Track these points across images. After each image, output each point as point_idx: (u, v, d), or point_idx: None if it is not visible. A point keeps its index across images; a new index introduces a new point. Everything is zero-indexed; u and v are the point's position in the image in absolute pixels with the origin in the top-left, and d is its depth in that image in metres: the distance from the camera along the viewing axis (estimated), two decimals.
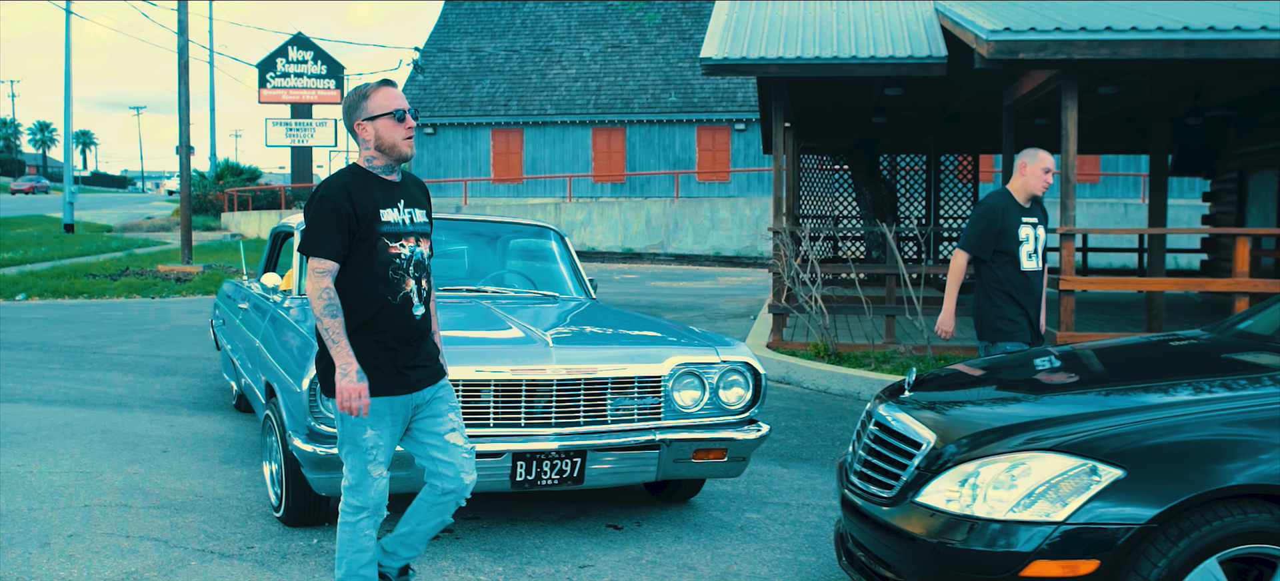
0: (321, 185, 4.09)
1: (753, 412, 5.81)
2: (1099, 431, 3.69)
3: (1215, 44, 8.64)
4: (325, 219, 4.00)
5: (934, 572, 3.77)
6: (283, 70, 47.11)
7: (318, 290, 4.00)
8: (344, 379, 3.95)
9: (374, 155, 4.14)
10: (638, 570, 5.24)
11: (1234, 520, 3.47)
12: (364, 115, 4.11)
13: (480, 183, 39.36)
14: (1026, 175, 6.70)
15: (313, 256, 4.02)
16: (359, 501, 4.16)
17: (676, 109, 38.05)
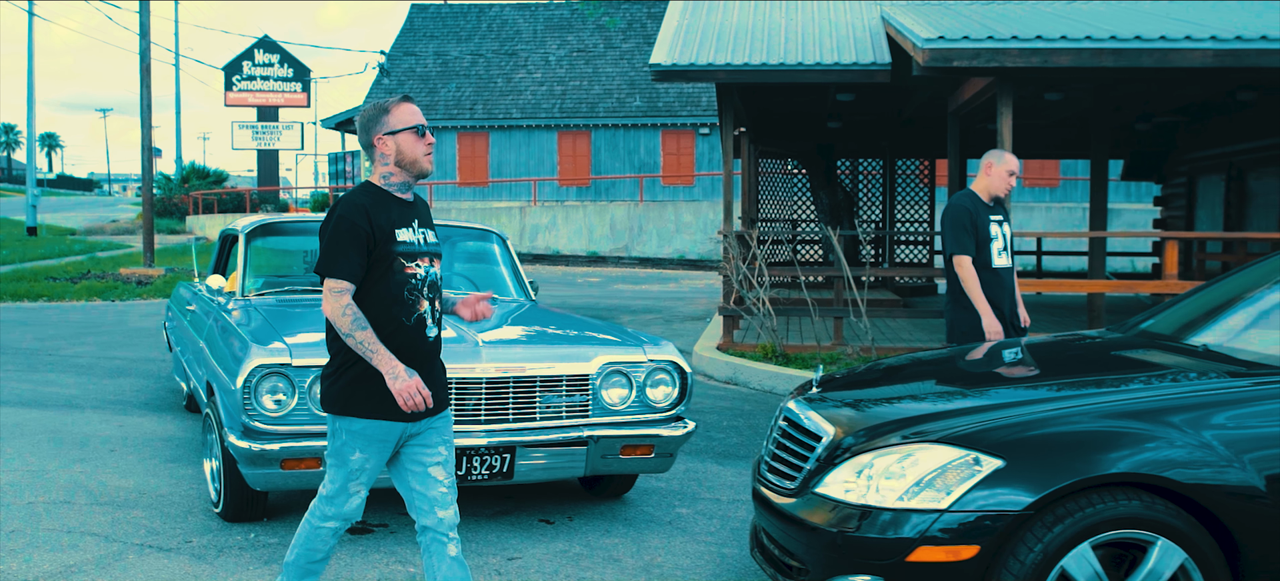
0: (339, 205, 3.99)
1: (679, 410, 6.00)
2: (984, 424, 3.89)
3: (1141, 53, 8.89)
4: (344, 240, 3.91)
5: (832, 560, 3.95)
6: (249, 73, 47.03)
7: (340, 308, 3.90)
8: (397, 381, 3.86)
9: (393, 171, 4.03)
10: (564, 562, 5.41)
11: (1106, 507, 3.67)
12: (385, 129, 4.00)
13: (446, 186, 39.45)
14: (991, 176, 6.87)
15: (330, 278, 3.92)
16: (332, 510, 4.10)
17: (641, 113, 38.25)
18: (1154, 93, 14.90)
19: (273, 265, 7.59)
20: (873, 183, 22.23)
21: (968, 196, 6.88)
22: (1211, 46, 8.84)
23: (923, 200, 21.35)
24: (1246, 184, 17.73)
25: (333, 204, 4.03)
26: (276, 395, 5.36)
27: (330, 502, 4.10)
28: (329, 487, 4.09)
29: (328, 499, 4.10)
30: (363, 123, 4.07)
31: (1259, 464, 3.73)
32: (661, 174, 38.32)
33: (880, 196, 21.75)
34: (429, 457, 4.09)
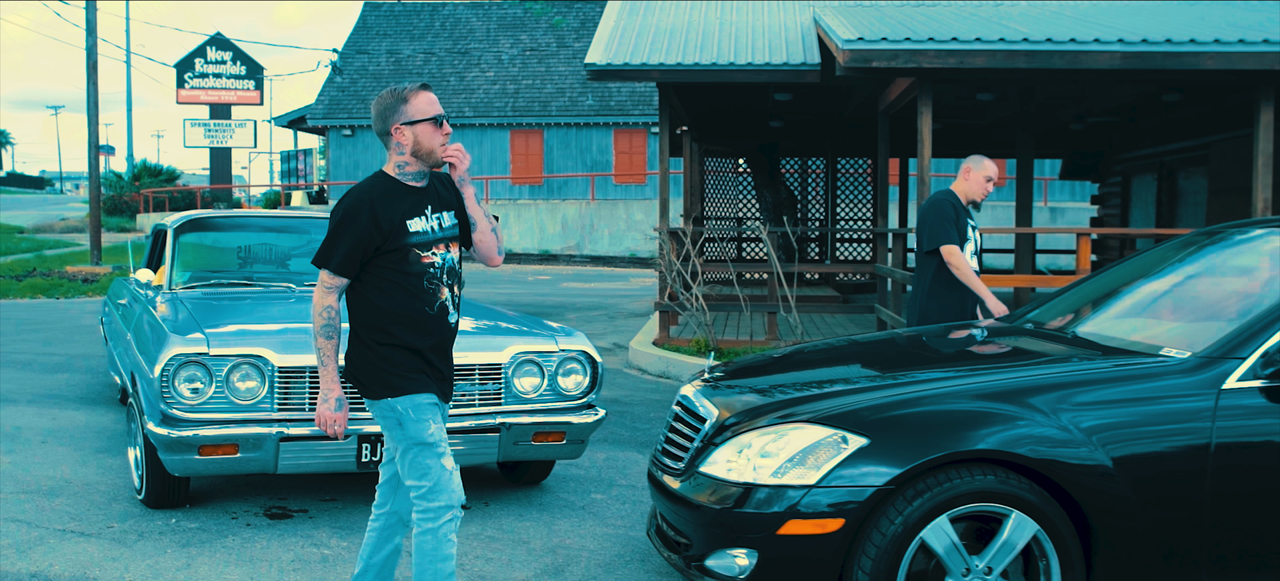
0: (347, 197, 3.94)
1: (591, 398, 6.21)
2: (853, 405, 4.12)
3: (1053, 55, 9.17)
4: (343, 234, 3.86)
5: (714, 535, 4.17)
6: (201, 71, 46.81)
7: (321, 306, 3.90)
8: (324, 404, 3.90)
9: (408, 161, 3.97)
10: (476, 544, 5.60)
11: (963, 481, 3.90)
12: (403, 119, 3.94)
13: None
14: (969, 180, 6.98)
15: (323, 268, 3.90)
16: (442, 501, 3.95)
17: (594, 112, 38.45)
18: (1088, 94, 15.25)
19: (202, 260, 7.73)
20: (821, 182, 22.53)
21: (949, 194, 7.00)
22: (1119, 49, 9.15)
23: (865, 199, 21.67)
24: (1177, 183, 18.15)
25: (344, 194, 3.98)
26: (193, 384, 5.52)
27: (435, 495, 3.94)
28: (427, 482, 3.94)
29: (431, 491, 3.94)
30: (380, 111, 4.01)
31: (1109, 444, 3.97)
32: (614, 173, 38.53)
33: (824, 195, 22.05)
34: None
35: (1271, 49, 9.07)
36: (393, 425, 3.96)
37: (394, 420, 3.94)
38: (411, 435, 3.93)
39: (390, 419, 3.95)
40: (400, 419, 3.93)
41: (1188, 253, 5.45)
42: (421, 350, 3.96)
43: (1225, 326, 4.27)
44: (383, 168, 4.06)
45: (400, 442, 3.96)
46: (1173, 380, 4.08)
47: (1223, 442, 3.97)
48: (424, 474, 3.94)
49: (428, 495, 3.95)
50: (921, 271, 7.00)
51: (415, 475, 3.95)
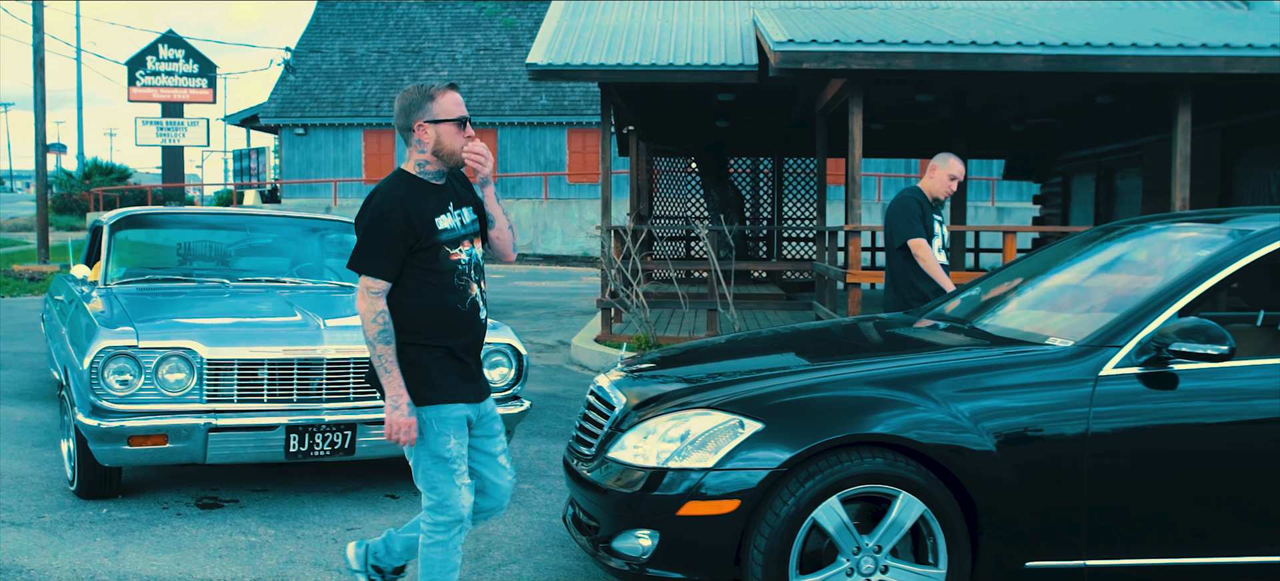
0: (375, 197, 3.88)
1: (516, 390, 6.38)
2: (752, 392, 4.31)
3: (977, 57, 9.42)
4: (378, 235, 3.80)
5: (620, 518, 4.35)
6: (153, 68, 46.47)
7: (372, 312, 3.80)
8: (395, 411, 3.81)
9: (429, 160, 3.92)
10: None
11: (853, 464, 4.10)
12: (428, 116, 3.89)
13: (352, 183, 39.41)
14: (933, 178, 7.18)
15: (364, 275, 3.81)
16: (450, 516, 3.95)
17: (548, 112, 38.56)
18: (1027, 96, 15.57)
19: (138, 256, 7.82)
20: (769, 181, 22.76)
21: (915, 191, 7.19)
22: (1041, 52, 9.41)
23: (811, 198, 21.92)
24: (1113, 183, 18.53)
25: (369, 195, 3.93)
26: (122, 376, 5.64)
27: (443, 509, 3.94)
28: (435, 496, 3.94)
29: (440, 506, 3.95)
30: (404, 106, 3.94)
31: (992, 428, 4.18)
32: (567, 172, 38.66)
33: (770, 194, 22.30)
34: (497, 447, 4.12)
35: (1186, 53, 9.36)
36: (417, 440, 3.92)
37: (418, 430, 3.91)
38: (430, 447, 3.90)
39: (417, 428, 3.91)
40: (422, 428, 3.89)
41: (1087, 247, 5.69)
42: (454, 349, 3.92)
43: (1106, 317, 4.49)
44: (402, 167, 4.00)
45: (418, 453, 3.94)
46: (1054, 368, 4.30)
47: (1099, 427, 4.19)
48: (433, 487, 3.94)
49: (437, 508, 3.95)
50: (891, 268, 7.21)
51: (426, 486, 3.95)
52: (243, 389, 5.80)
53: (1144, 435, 4.22)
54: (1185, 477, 4.26)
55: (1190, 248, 4.85)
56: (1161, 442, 4.23)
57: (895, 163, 36.54)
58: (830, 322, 6.09)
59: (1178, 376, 4.28)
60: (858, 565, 4.14)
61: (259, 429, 5.77)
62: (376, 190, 3.91)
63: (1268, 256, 4.52)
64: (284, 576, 5.06)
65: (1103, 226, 6.06)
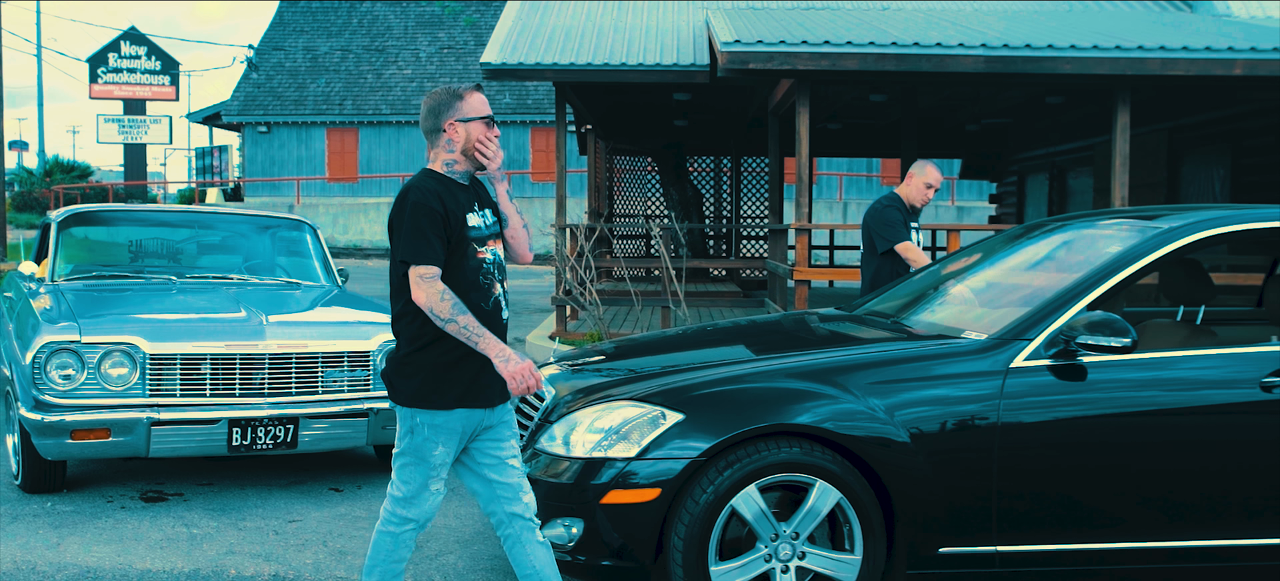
0: (410, 193, 3.84)
1: None
2: (674, 384, 4.44)
3: (920, 58, 9.59)
4: (422, 224, 3.78)
5: (548, 507, 4.45)
6: (115, 65, 46.17)
7: (435, 295, 3.75)
8: (510, 364, 3.74)
9: (457, 159, 3.93)
10: (341, 523, 5.85)
11: (770, 453, 4.23)
12: (458, 115, 3.91)
13: (315, 182, 39.34)
14: (910, 186, 7.25)
15: (416, 265, 3.77)
16: (411, 513, 3.97)
17: (511, 110, 38.61)
18: (981, 97, 15.78)
19: (86, 252, 7.87)
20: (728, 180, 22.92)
21: (893, 198, 7.28)
22: (982, 53, 9.59)
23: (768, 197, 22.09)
24: (1066, 182, 18.79)
25: (401, 191, 3.91)
26: (65, 370, 5.71)
27: (408, 505, 3.96)
28: (404, 490, 3.95)
29: (405, 501, 3.96)
30: (432, 107, 3.96)
31: (906, 419, 4.32)
32: (531, 170, 38.72)
33: (729, 193, 22.47)
34: (504, 450, 4.04)
35: (1123, 55, 9.56)
36: (405, 429, 3.93)
37: (407, 426, 3.92)
38: (416, 446, 3.91)
39: (405, 421, 3.93)
40: (412, 428, 3.90)
41: (1012, 244, 5.85)
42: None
43: (1019, 311, 4.65)
44: (428, 167, 3.99)
45: (402, 443, 3.94)
46: (967, 361, 4.45)
47: (1009, 418, 4.34)
48: (407, 482, 3.95)
49: (403, 502, 3.96)
50: (875, 273, 7.24)
51: (402, 478, 3.96)
52: (185, 383, 5.89)
53: (1052, 424, 4.37)
54: (1092, 464, 4.41)
55: (1104, 244, 5.02)
56: (1069, 431, 4.39)
57: (857, 162, 36.81)
58: (766, 317, 6.23)
59: (1087, 368, 4.43)
60: (776, 551, 4.28)
61: (201, 423, 5.87)
62: (409, 187, 3.89)
63: (1174, 252, 4.69)
64: (223, 567, 5.15)
65: (1026, 224, 6.23)
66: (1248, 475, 4.49)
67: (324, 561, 5.26)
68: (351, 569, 5.15)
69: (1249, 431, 4.49)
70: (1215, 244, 4.76)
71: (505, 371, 3.74)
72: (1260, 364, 4.52)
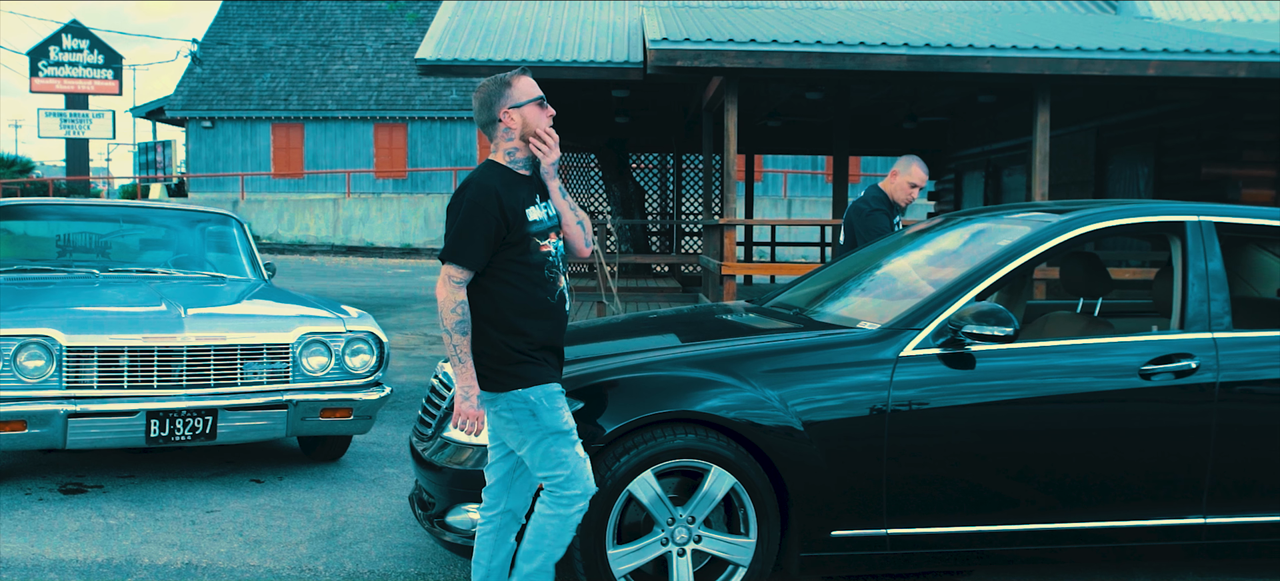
0: (469, 189, 3.85)
1: (378, 376, 6.58)
2: (574, 373, 4.54)
3: (844, 56, 9.77)
4: (475, 225, 3.78)
5: (454, 493, 4.57)
6: (56, 59, 45.63)
7: (452, 301, 3.80)
8: (465, 402, 3.83)
9: (517, 146, 3.94)
10: (259, 513, 5.93)
11: (665, 440, 4.36)
12: (510, 102, 3.91)
13: (260, 177, 39.13)
14: (895, 182, 7.23)
15: (451, 263, 3.81)
16: (578, 489, 3.94)
17: (458, 106, 38.59)
18: (919, 95, 16.02)
19: (11, 246, 7.89)
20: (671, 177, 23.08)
21: (878, 196, 7.29)
22: (904, 52, 9.78)
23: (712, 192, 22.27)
24: (1001, 180, 19.10)
25: (463, 183, 3.91)
26: None
27: (573, 482, 3.93)
28: (565, 470, 3.93)
29: (569, 481, 3.93)
30: (484, 99, 3.95)
31: (799, 406, 4.46)
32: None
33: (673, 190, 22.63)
34: None
35: (1041, 54, 9.79)
36: (525, 416, 3.90)
37: (526, 411, 3.89)
38: (546, 424, 3.90)
39: (521, 410, 3.90)
40: (533, 409, 3.88)
41: (918, 238, 6.01)
42: (551, 340, 3.96)
43: (912, 302, 4.80)
44: (491, 159, 3.99)
45: (533, 433, 3.90)
46: (859, 350, 4.60)
47: (898, 405, 4.50)
48: (561, 463, 3.92)
49: (565, 484, 3.93)
50: None
51: (550, 465, 3.92)
52: (103, 376, 5.94)
53: (940, 411, 4.53)
54: (979, 450, 4.58)
55: (998, 237, 5.19)
56: (956, 418, 4.55)
57: (802, 160, 37.08)
58: (683, 308, 6.36)
59: (975, 357, 4.60)
60: (672, 535, 4.41)
61: (119, 414, 5.92)
62: (470, 181, 3.88)
63: (1060, 246, 4.87)
64: (136, 556, 5.22)
65: (936, 217, 6.40)
66: (1128, 459, 4.68)
67: (238, 550, 5.33)
68: (266, 557, 5.23)
69: (1129, 417, 4.68)
70: (1099, 237, 4.95)
71: (460, 407, 3.85)
72: (1140, 352, 4.71)
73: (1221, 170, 12.05)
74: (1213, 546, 4.78)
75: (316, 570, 5.10)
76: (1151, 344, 4.75)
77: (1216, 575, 5.23)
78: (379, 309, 16.95)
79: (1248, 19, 17.47)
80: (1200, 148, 12.47)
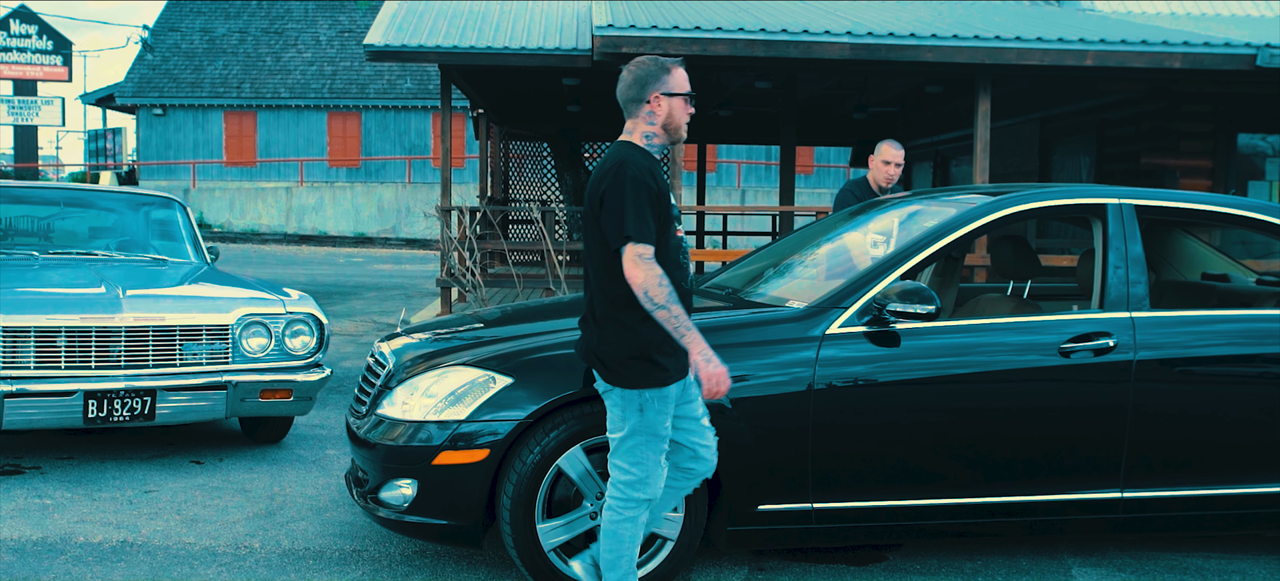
0: (625, 165, 3.80)
1: (318, 358, 6.61)
2: (507, 350, 4.63)
3: (788, 44, 9.88)
4: (642, 200, 3.74)
5: (387, 469, 4.62)
6: (4, 44, 44.98)
7: (655, 277, 3.71)
8: (711, 364, 3.76)
9: (657, 133, 3.94)
10: (198, 493, 5.95)
11: (592, 415, 4.43)
12: (664, 88, 3.91)
13: (212, 166, 38.81)
14: (873, 166, 7.32)
15: (637, 242, 3.72)
16: (647, 493, 3.97)
17: (413, 95, 38.42)
18: (868, 85, 16.15)
19: None
20: None
21: (857, 182, 7.38)
22: (848, 40, 9.90)
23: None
24: (949, 170, 19.32)
25: (610, 165, 3.86)
26: None
27: (643, 486, 3.97)
28: (637, 471, 3.95)
29: (639, 482, 3.96)
30: (639, 77, 3.93)
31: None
32: (432, 155, 38.57)
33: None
34: (699, 410, 4.13)
35: (981, 44, 9.93)
36: (633, 410, 3.91)
37: (635, 405, 3.90)
38: (648, 423, 3.91)
39: (632, 403, 3.90)
40: (642, 407, 3.89)
41: (852, 220, 6.11)
42: None
43: (841, 281, 4.90)
44: (627, 139, 3.97)
45: (631, 425, 3.92)
46: (785, 328, 4.69)
47: (822, 383, 4.59)
48: (640, 463, 3.94)
49: (636, 485, 3.96)
50: None
51: (630, 461, 3.95)
52: (40, 356, 5.94)
53: (864, 388, 4.64)
54: (903, 426, 4.69)
55: (928, 219, 5.30)
56: (880, 395, 4.66)
57: (756, 150, 37.22)
58: None
59: (900, 335, 4.70)
60: (600, 509, 4.48)
61: (56, 395, 5.93)
62: (619, 159, 3.85)
63: (987, 225, 4.99)
64: (71, 534, 5.23)
65: (871, 200, 6.51)
66: (1049, 435, 4.80)
67: (174, 529, 5.36)
68: (202, 536, 5.26)
69: (1049, 394, 4.81)
70: (1022, 219, 5.06)
71: (706, 372, 3.76)
72: (1061, 331, 4.84)
73: (1160, 160, 12.27)
74: (1130, 520, 4.91)
75: (252, 547, 5.13)
76: (1072, 323, 4.88)
77: (1135, 547, 5.38)
78: (330, 296, 16.92)
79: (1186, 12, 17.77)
80: (1139, 138, 12.69)
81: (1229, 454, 4.93)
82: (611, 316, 3.90)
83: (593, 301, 4.00)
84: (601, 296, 3.92)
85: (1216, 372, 4.96)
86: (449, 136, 13.15)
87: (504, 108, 19.37)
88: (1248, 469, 4.94)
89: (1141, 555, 5.29)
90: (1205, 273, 6.23)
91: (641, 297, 3.73)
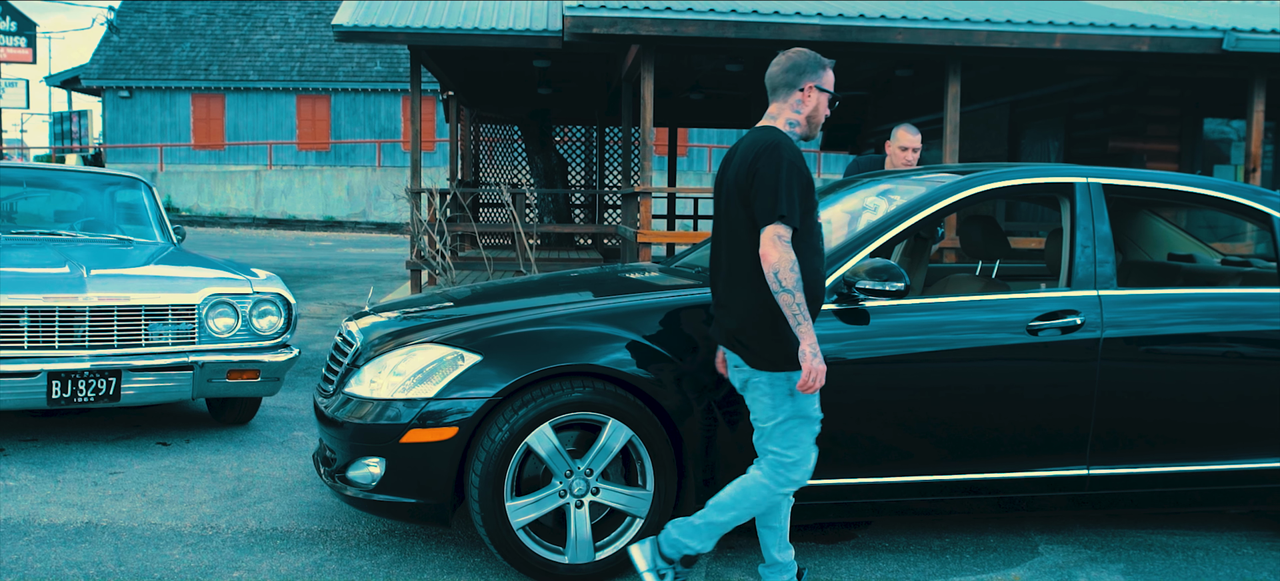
0: (781, 147, 3.85)
1: (285, 338, 6.56)
2: (474, 328, 4.60)
3: (759, 26, 9.86)
4: (794, 184, 3.80)
5: (355, 448, 4.59)
6: None
7: (789, 259, 3.78)
8: (815, 358, 3.81)
9: (800, 122, 4.02)
10: (163, 474, 5.90)
11: (562, 393, 4.42)
12: (818, 82, 4.00)
13: (180, 149, 38.50)
14: (889, 150, 7.16)
15: (781, 223, 3.79)
16: (799, 474, 4.05)
17: (382, 78, 38.21)
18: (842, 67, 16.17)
19: None
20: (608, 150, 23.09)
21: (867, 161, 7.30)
22: (819, 22, 9.89)
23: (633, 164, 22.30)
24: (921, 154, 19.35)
25: (764, 144, 3.89)
26: None
27: (798, 466, 4.03)
28: (794, 453, 4.01)
29: (795, 464, 4.02)
30: (798, 64, 4.00)
31: (696, 360, 4.54)
32: (402, 139, 38.40)
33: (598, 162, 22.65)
34: None
35: (951, 26, 9.94)
36: (782, 395, 3.96)
37: (785, 391, 3.95)
38: (801, 408, 3.98)
39: (781, 388, 3.95)
40: (792, 390, 3.94)
41: (827, 197, 6.10)
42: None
43: None
44: (771, 124, 4.03)
45: (784, 410, 3.97)
46: None
47: None
48: (795, 445, 4.01)
49: (789, 466, 4.02)
50: None
51: (785, 443, 4.00)
52: (3, 336, 5.88)
53: (833, 365, 4.61)
54: (873, 403, 4.69)
55: (897, 197, 5.30)
56: (851, 372, 4.65)
57: (728, 134, 37.22)
58: (591, 270, 6.41)
59: (869, 313, 4.70)
60: (570, 487, 4.47)
61: (19, 375, 5.86)
62: (774, 141, 3.88)
63: (957, 203, 4.99)
64: (35, 516, 5.18)
65: (837, 180, 6.51)
66: (1016, 412, 4.82)
67: (139, 509, 5.32)
68: (168, 516, 5.22)
69: (1016, 372, 4.82)
70: (991, 198, 5.07)
71: (810, 364, 3.81)
72: (1029, 309, 4.85)
73: (1127, 144, 12.33)
74: (1096, 496, 4.94)
75: (218, 528, 5.10)
76: (1039, 301, 4.89)
77: (1101, 525, 5.41)
78: (299, 279, 16.84)
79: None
80: (1108, 123, 12.75)
81: (1193, 432, 4.97)
82: (759, 298, 3.93)
83: (732, 285, 4.03)
84: (746, 280, 3.95)
85: (1182, 351, 4.99)
86: (419, 119, 13.09)
87: (474, 90, 19.30)
88: (1212, 447, 4.98)
89: (1107, 532, 5.33)
90: (1171, 253, 6.27)
91: (770, 278, 3.79)
